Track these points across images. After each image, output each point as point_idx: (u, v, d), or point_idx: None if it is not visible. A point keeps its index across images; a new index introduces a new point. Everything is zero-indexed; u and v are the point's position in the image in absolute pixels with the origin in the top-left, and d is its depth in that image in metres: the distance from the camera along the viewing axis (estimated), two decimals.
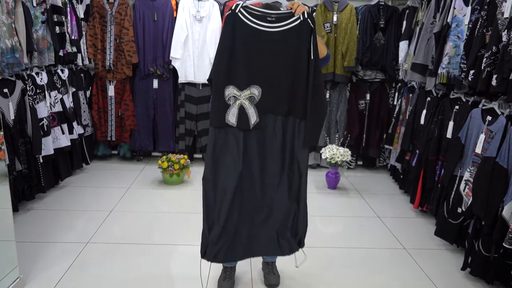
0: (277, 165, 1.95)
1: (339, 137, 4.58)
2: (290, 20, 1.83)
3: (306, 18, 1.83)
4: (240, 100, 1.87)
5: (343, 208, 3.61)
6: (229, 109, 1.89)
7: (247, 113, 1.88)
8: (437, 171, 3.14)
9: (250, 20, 1.83)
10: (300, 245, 2.10)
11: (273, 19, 1.83)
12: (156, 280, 2.38)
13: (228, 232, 1.98)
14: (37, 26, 3.25)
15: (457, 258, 2.75)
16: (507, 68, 2.26)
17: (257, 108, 1.89)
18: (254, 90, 1.87)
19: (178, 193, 3.75)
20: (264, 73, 1.87)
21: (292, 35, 1.83)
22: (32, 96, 3.18)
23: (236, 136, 1.91)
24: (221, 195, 1.96)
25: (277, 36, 1.84)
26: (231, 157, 1.92)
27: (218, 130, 1.92)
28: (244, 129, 1.90)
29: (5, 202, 2.15)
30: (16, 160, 2.95)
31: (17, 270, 2.19)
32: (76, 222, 3.09)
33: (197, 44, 4.33)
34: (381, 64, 4.41)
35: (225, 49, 1.85)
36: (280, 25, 1.83)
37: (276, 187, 1.97)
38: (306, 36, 1.83)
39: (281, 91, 1.89)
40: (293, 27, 1.83)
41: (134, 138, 4.55)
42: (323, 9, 4.33)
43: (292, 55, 1.86)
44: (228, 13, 1.84)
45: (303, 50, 1.84)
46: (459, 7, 3.02)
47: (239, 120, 1.89)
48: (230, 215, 1.97)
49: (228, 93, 1.88)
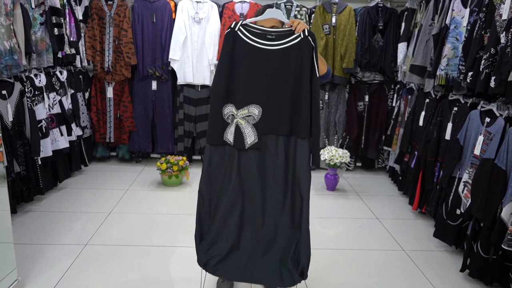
0: (280, 188, 1.88)
1: (338, 138, 4.58)
2: (290, 38, 1.80)
3: (307, 35, 1.80)
4: (236, 119, 1.84)
5: (342, 210, 3.61)
6: (228, 128, 1.86)
7: (243, 132, 1.84)
8: (436, 172, 3.14)
9: (249, 38, 1.81)
10: (303, 277, 1.93)
11: (273, 37, 1.80)
12: (154, 281, 2.37)
13: (222, 247, 1.92)
14: (35, 28, 3.25)
15: (455, 260, 2.75)
16: (506, 69, 2.27)
17: (257, 128, 1.84)
18: (254, 109, 1.83)
19: (177, 195, 3.75)
20: (265, 92, 1.83)
21: (293, 53, 1.80)
22: (31, 98, 3.18)
23: (233, 155, 1.87)
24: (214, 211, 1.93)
25: (277, 54, 1.81)
26: (227, 175, 1.88)
27: (214, 148, 1.89)
28: (240, 148, 1.85)
29: (4, 204, 2.15)
30: (15, 162, 2.95)
31: (15, 272, 2.18)
32: (74, 224, 3.08)
33: (196, 46, 4.33)
34: (380, 66, 4.42)
35: (224, 68, 1.83)
36: (281, 43, 1.80)
37: (280, 212, 1.90)
38: (307, 53, 1.80)
39: (283, 111, 1.84)
40: (294, 45, 1.80)
41: (133, 139, 4.55)
42: (321, 10, 4.33)
43: (293, 73, 1.82)
44: (228, 31, 1.82)
45: (305, 68, 1.81)
46: (458, 9, 3.02)
47: (236, 139, 1.85)
48: (224, 232, 1.92)
49: (226, 111, 1.86)
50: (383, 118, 4.58)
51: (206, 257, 1.95)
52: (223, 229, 1.92)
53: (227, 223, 1.91)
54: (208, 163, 1.90)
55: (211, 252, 1.94)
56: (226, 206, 1.89)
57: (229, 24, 4.23)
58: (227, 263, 1.93)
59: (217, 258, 1.93)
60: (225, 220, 1.91)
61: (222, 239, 1.92)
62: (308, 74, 1.81)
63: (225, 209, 1.90)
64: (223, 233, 1.92)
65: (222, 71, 1.83)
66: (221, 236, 1.92)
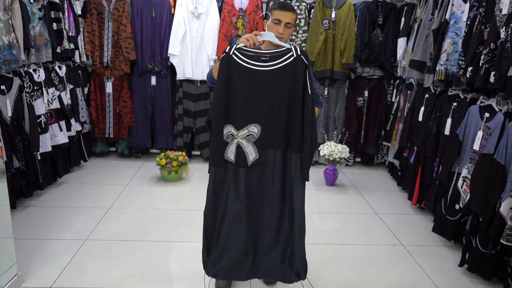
0: (279, 198, 1.99)
1: (337, 134, 4.58)
2: (283, 58, 1.88)
3: (299, 54, 1.88)
4: (237, 139, 1.93)
5: (341, 205, 3.61)
6: (228, 147, 1.95)
7: (245, 151, 1.93)
8: (435, 168, 3.15)
9: (244, 61, 1.88)
10: (300, 277, 2.08)
11: (267, 58, 1.87)
12: (154, 276, 2.38)
13: (230, 258, 2.02)
14: (34, 23, 3.23)
15: (454, 255, 2.76)
16: (505, 64, 2.26)
17: (257, 145, 1.93)
18: (253, 128, 1.92)
19: (176, 190, 3.75)
20: (262, 111, 1.91)
21: (287, 72, 1.88)
22: (30, 93, 3.17)
23: (235, 172, 1.96)
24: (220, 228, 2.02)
25: (272, 75, 1.88)
26: (231, 192, 1.97)
27: (218, 168, 1.98)
28: (242, 166, 1.95)
29: (3, 199, 2.15)
30: (14, 157, 2.94)
31: (15, 267, 2.19)
32: (74, 219, 3.08)
33: (195, 41, 4.32)
34: (379, 61, 4.42)
35: (221, 91, 1.89)
36: (274, 63, 1.87)
37: (279, 218, 2.01)
38: (301, 72, 1.88)
39: (279, 127, 1.93)
40: (287, 64, 1.87)
41: (132, 135, 4.55)
42: (321, 5, 4.32)
43: (287, 91, 1.90)
44: (223, 56, 1.88)
45: (299, 86, 1.89)
46: (458, 4, 3.02)
47: (237, 158, 1.94)
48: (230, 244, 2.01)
49: (226, 131, 1.93)
50: (383, 114, 4.58)
51: (215, 269, 2.05)
52: (230, 242, 2.01)
53: (233, 236, 2.00)
54: (214, 182, 1.99)
55: (220, 264, 2.03)
56: (231, 219, 1.99)
57: (228, 19, 4.26)
58: (236, 270, 2.05)
59: (226, 269, 2.04)
60: (231, 233, 2.00)
61: (230, 250, 2.02)
62: (301, 91, 1.89)
63: (231, 223, 1.99)
64: (230, 245, 2.01)
65: (220, 94, 1.90)
66: (229, 248, 2.02)
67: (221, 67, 1.89)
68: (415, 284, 2.45)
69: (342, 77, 4.50)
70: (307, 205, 2.09)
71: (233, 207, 1.97)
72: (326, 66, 4.40)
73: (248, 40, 1.91)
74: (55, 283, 2.26)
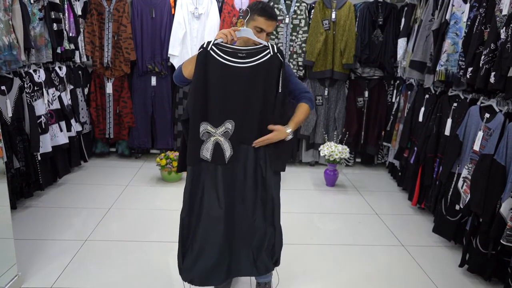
0: (252, 192, 2.00)
1: (337, 134, 4.58)
2: (260, 55, 1.89)
3: (276, 52, 1.89)
4: (215, 137, 1.93)
5: (341, 205, 3.61)
6: (203, 145, 1.94)
7: (223, 148, 1.94)
8: (435, 168, 3.15)
9: (221, 57, 1.88)
10: (276, 264, 2.14)
11: (244, 55, 1.88)
12: (154, 277, 2.38)
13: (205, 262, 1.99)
14: (34, 23, 3.23)
15: (455, 255, 2.76)
16: (505, 65, 2.26)
17: (231, 141, 1.94)
18: (228, 124, 1.92)
19: (176, 191, 3.74)
20: (237, 107, 1.92)
21: (262, 69, 1.89)
22: (30, 93, 3.17)
23: (211, 170, 1.96)
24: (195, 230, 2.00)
25: (248, 71, 1.88)
26: (207, 191, 1.97)
27: (194, 167, 1.97)
28: (220, 164, 1.95)
29: (3, 200, 2.15)
30: (14, 157, 2.95)
31: (15, 267, 2.19)
32: (74, 219, 3.08)
33: (195, 41, 4.32)
34: (380, 62, 4.42)
35: (198, 87, 1.89)
36: (251, 61, 1.88)
37: (252, 213, 2.02)
38: (276, 69, 1.90)
39: (252, 123, 1.94)
40: (264, 62, 1.89)
41: (132, 135, 4.55)
42: (321, 6, 4.32)
43: (262, 88, 1.91)
44: (200, 51, 1.88)
45: (273, 83, 1.91)
46: (458, 4, 3.02)
47: (214, 155, 1.94)
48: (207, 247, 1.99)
49: (202, 129, 1.93)
50: (383, 114, 4.58)
51: (191, 274, 2.01)
52: (206, 245, 1.99)
53: (209, 239, 1.98)
54: (191, 182, 1.98)
55: (196, 269, 2.00)
56: (208, 221, 1.97)
57: (228, 20, 4.26)
58: (212, 275, 2.01)
59: (203, 274, 2.00)
60: (207, 235, 1.98)
61: (206, 254, 1.99)
62: (274, 89, 1.92)
63: (207, 225, 1.98)
64: (206, 248, 1.99)
65: (197, 90, 1.89)
66: (205, 251, 1.99)
67: (198, 62, 1.87)
68: (415, 284, 2.45)
69: (342, 78, 4.50)
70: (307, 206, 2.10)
71: (211, 209, 1.96)
72: (326, 67, 4.40)
73: (226, 35, 1.87)
74: (55, 284, 2.26)
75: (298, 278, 2.43)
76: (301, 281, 2.41)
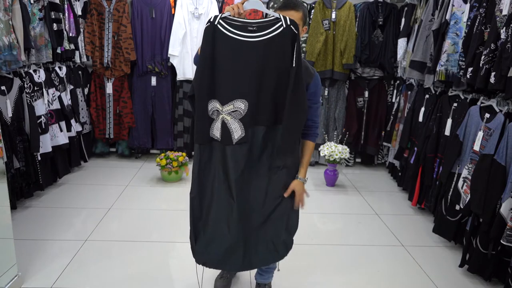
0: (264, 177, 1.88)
1: (337, 134, 4.58)
2: (272, 28, 1.75)
3: (289, 24, 1.75)
4: (222, 115, 1.80)
5: (341, 206, 3.61)
6: (214, 123, 1.83)
7: (230, 128, 1.80)
8: (435, 168, 3.15)
9: (230, 31, 1.75)
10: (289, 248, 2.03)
11: (255, 28, 1.74)
12: (154, 277, 2.38)
13: (218, 245, 1.92)
14: (34, 23, 3.23)
15: (455, 255, 2.76)
16: (506, 65, 2.26)
17: (243, 121, 1.80)
18: (240, 104, 1.79)
19: (176, 191, 3.75)
20: (249, 85, 1.78)
21: (275, 44, 1.75)
22: (30, 93, 3.17)
23: (221, 150, 1.84)
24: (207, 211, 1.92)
25: (259, 46, 1.75)
26: (217, 172, 1.86)
27: (203, 146, 1.86)
28: (228, 144, 1.82)
29: (3, 200, 2.15)
30: (14, 157, 2.94)
31: (15, 267, 2.19)
32: (74, 219, 3.08)
33: (196, 41, 4.32)
34: (380, 62, 4.41)
35: (206, 63, 1.77)
36: (262, 34, 1.75)
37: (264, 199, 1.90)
38: (289, 42, 1.75)
39: (267, 102, 1.81)
40: (276, 35, 1.74)
41: (133, 135, 4.55)
42: (321, 6, 4.32)
43: (275, 63, 1.77)
44: (207, 26, 1.76)
45: (287, 58, 1.77)
46: (458, 5, 3.02)
47: (223, 135, 1.82)
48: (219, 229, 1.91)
49: (211, 107, 1.82)
50: (383, 114, 4.58)
51: (204, 256, 1.95)
52: (218, 227, 1.91)
53: (221, 221, 1.90)
54: (199, 163, 1.88)
55: (209, 251, 1.94)
56: (219, 203, 1.88)
57: None
58: (225, 259, 1.93)
59: (216, 256, 1.93)
60: (219, 217, 1.90)
61: (218, 236, 1.92)
62: (288, 64, 1.77)
63: (218, 207, 1.89)
64: (218, 231, 1.91)
65: (204, 66, 1.78)
66: (217, 233, 1.92)
67: (205, 37, 1.76)
68: (415, 285, 2.45)
69: (342, 78, 4.50)
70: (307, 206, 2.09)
71: (220, 190, 1.86)
72: (326, 67, 4.40)
73: (233, 8, 1.77)
74: (55, 284, 2.26)
75: (298, 278, 2.43)
76: (301, 281, 2.41)
